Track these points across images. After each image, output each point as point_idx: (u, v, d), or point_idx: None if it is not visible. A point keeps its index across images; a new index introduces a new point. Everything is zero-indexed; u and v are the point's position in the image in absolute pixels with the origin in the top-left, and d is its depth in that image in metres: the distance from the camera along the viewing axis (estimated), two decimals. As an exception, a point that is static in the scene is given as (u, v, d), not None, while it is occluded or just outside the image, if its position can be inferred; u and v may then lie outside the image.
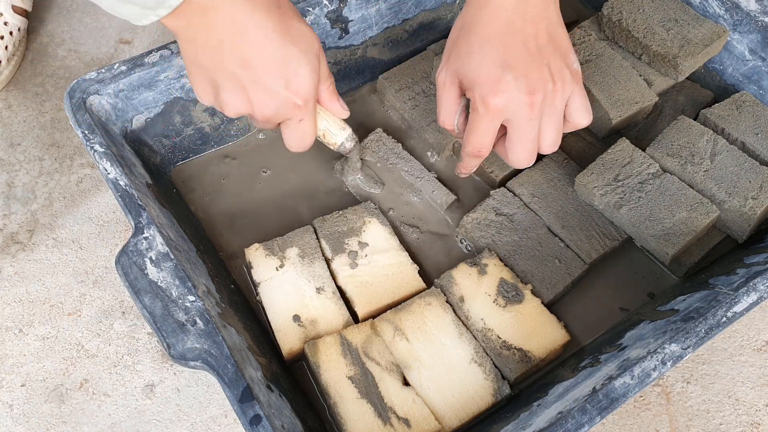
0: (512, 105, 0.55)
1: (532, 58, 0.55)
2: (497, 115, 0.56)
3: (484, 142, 0.58)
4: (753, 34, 0.72)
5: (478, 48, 0.55)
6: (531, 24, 0.55)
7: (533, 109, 0.55)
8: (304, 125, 0.55)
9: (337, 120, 0.59)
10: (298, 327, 0.59)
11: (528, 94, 0.55)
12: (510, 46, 0.55)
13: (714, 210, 0.65)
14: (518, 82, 0.54)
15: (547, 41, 0.56)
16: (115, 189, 0.56)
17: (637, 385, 0.50)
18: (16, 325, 0.67)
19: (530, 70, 0.55)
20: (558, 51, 0.57)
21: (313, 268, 0.62)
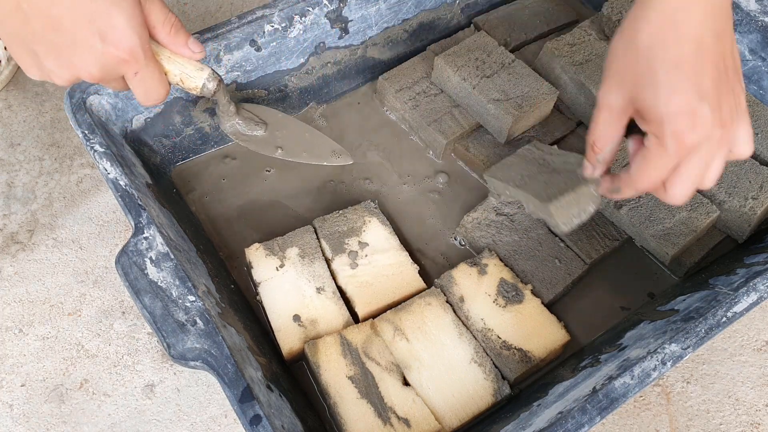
0: (705, 142, 0.47)
1: (723, 85, 0.48)
2: (689, 152, 0.48)
3: (657, 181, 0.50)
4: (753, 34, 0.72)
5: (665, 75, 0.47)
6: (720, 42, 0.47)
7: (722, 146, 0.48)
8: (143, 77, 0.51)
9: (192, 63, 0.55)
10: (298, 327, 0.59)
11: (721, 128, 0.47)
12: (702, 73, 0.47)
13: (714, 210, 0.65)
14: (713, 114, 0.47)
15: (732, 61, 0.48)
16: (115, 189, 0.56)
17: (637, 385, 0.50)
18: (16, 325, 0.67)
19: (723, 100, 0.47)
20: (738, 73, 0.49)
21: (314, 267, 0.62)
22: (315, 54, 0.72)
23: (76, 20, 0.47)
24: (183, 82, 0.55)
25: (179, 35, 0.53)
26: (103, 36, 0.47)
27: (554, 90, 0.71)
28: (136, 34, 0.49)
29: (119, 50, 0.48)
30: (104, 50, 0.48)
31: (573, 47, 0.74)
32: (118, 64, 0.49)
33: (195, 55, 0.54)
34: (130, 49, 0.49)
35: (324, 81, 0.75)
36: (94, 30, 0.47)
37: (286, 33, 0.68)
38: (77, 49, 0.48)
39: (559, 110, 0.75)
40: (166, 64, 0.53)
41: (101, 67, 0.49)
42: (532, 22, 0.82)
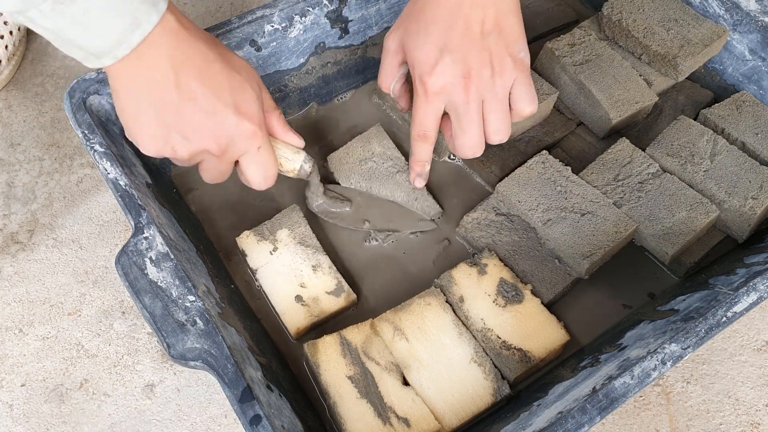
0: (448, 88, 0.56)
1: (473, 43, 0.55)
2: (435, 96, 0.57)
3: (427, 124, 0.59)
4: (753, 34, 0.72)
5: (423, 27, 0.56)
6: (479, 9, 0.55)
7: (468, 92, 0.56)
8: (264, 153, 0.54)
9: (289, 146, 0.59)
10: (301, 306, 0.60)
11: (463, 77, 0.56)
12: (453, 29, 0.55)
13: (714, 210, 0.65)
14: (455, 65, 0.55)
15: (493, 27, 0.56)
16: (115, 189, 0.56)
17: (637, 385, 0.50)
18: (16, 325, 0.67)
19: (469, 54, 0.55)
20: (503, 38, 0.57)
21: (306, 246, 0.63)
22: (315, 54, 0.72)
23: (215, 93, 0.49)
24: (282, 165, 0.59)
25: (286, 123, 0.58)
26: (237, 108, 0.50)
27: (554, 90, 0.71)
28: (261, 110, 0.53)
29: (251, 122, 0.51)
30: (238, 121, 0.51)
31: (573, 47, 0.74)
32: (247, 138, 0.52)
33: (300, 143, 0.59)
34: (260, 122, 0.52)
35: (324, 81, 0.75)
36: (230, 102, 0.50)
37: (286, 33, 0.68)
38: (212, 118, 0.50)
39: (559, 110, 0.75)
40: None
41: (231, 139, 0.51)
42: (532, 22, 0.82)
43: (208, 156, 0.53)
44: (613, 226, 0.64)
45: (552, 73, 0.74)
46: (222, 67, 0.50)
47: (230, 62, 0.51)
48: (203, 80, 0.49)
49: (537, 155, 0.68)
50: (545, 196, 0.66)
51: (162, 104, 0.48)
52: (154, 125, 0.50)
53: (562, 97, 0.75)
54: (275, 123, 0.57)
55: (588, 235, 0.63)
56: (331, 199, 0.66)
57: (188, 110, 0.49)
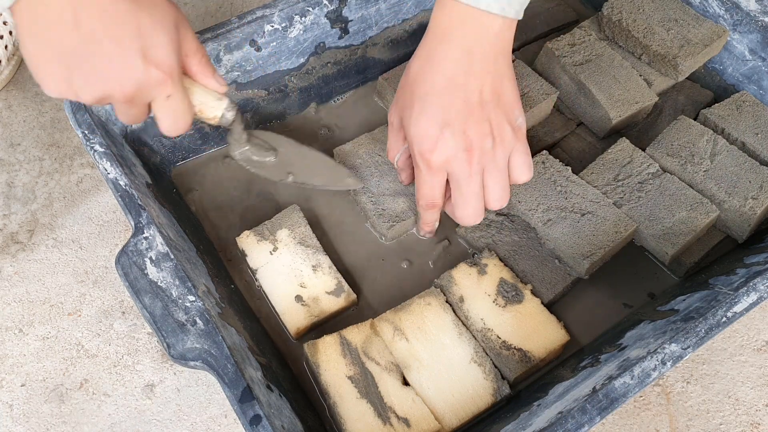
0: (451, 161, 0.55)
1: (471, 114, 0.54)
2: (438, 171, 0.57)
3: (433, 195, 0.59)
4: (753, 34, 0.72)
5: (419, 102, 0.55)
6: (475, 79, 0.54)
7: (471, 165, 0.55)
8: (174, 101, 0.50)
9: (211, 92, 0.54)
10: (301, 306, 0.60)
11: (466, 151, 0.55)
12: (451, 103, 0.54)
13: (714, 210, 0.65)
14: (456, 138, 0.54)
15: (491, 96, 0.55)
16: (115, 189, 0.56)
17: (637, 385, 0.50)
18: (16, 325, 0.67)
19: (469, 126, 0.54)
20: (501, 107, 0.56)
21: (306, 246, 0.63)
22: (315, 54, 0.72)
23: (120, 35, 0.46)
24: (202, 112, 0.55)
25: (208, 66, 0.53)
26: (145, 53, 0.47)
27: (554, 90, 0.71)
28: (175, 55, 0.49)
29: (160, 69, 0.48)
30: (145, 68, 0.47)
31: (573, 47, 0.74)
32: (155, 85, 0.48)
33: (221, 88, 0.54)
34: (170, 70, 0.48)
35: (324, 81, 0.75)
36: (138, 47, 0.46)
37: (286, 33, 0.68)
38: (116, 64, 0.46)
39: (559, 110, 0.75)
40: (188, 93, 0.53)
41: (137, 86, 0.48)
42: (532, 22, 0.82)
43: (114, 101, 0.49)
44: (613, 226, 0.64)
45: (552, 73, 0.74)
46: (129, 6, 0.46)
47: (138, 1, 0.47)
48: (107, 21, 0.45)
49: (537, 155, 0.68)
50: (545, 196, 0.66)
51: (62, 46, 0.45)
52: (55, 67, 0.47)
53: (562, 97, 0.75)
54: (195, 66, 0.52)
55: (588, 235, 0.63)
56: (255, 146, 0.63)
57: (90, 54, 0.46)
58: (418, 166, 0.58)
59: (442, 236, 0.68)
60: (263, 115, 0.74)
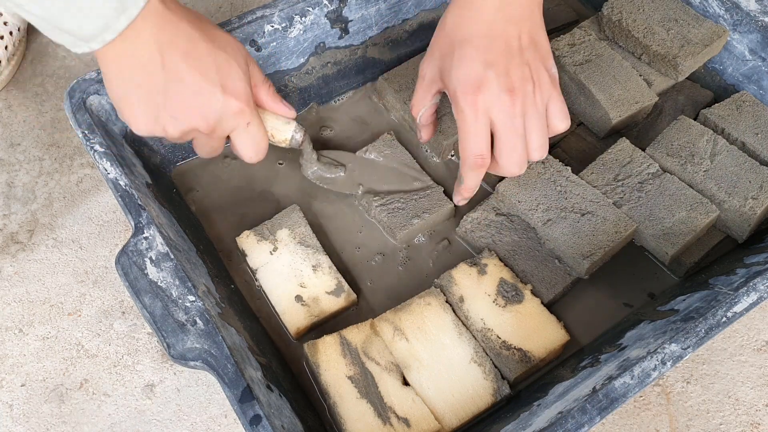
0: (495, 103, 0.55)
1: (512, 58, 0.55)
2: (483, 113, 0.55)
3: (481, 146, 0.57)
4: (753, 34, 0.72)
5: (459, 47, 0.56)
6: (514, 25, 0.55)
7: (515, 106, 0.55)
8: (252, 129, 0.55)
9: (279, 117, 0.59)
10: (301, 306, 0.60)
11: (509, 92, 0.55)
12: (491, 46, 0.55)
13: (714, 210, 0.65)
14: (499, 79, 0.54)
15: (529, 43, 0.56)
16: (115, 189, 0.56)
17: (637, 385, 0.50)
18: (16, 325, 0.67)
19: (511, 68, 0.55)
20: (539, 53, 0.57)
21: (306, 246, 0.63)
22: (315, 54, 0.72)
23: (201, 72, 0.50)
24: (273, 137, 0.59)
25: (276, 95, 0.58)
26: (224, 86, 0.51)
27: (554, 90, 0.71)
28: (248, 86, 0.53)
29: (238, 100, 0.52)
30: (225, 100, 0.51)
31: (573, 47, 0.74)
32: (235, 115, 0.53)
33: (290, 113, 0.59)
34: (247, 99, 0.53)
35: (324, 81, 0.75)
36: (217, 81, 0.51)
37: (286, 33, 0.68)
38: (199, 98, 0.51)
39: (559, 110, 0.75)
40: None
41: (219, 116, 0.52)
42: (532, 22, 0.82)
43: (197, 134, 0.54)
44: (613, 226, 0.64)
45: (552, 73, 0.74)
46: (207, 46, 0.51)
47: (216, 40, 0.52)
48: (189, 61, 0.49)
49: (537, 155, 0.68)
50: (545, 196, 0.66)
51: (150, 86, 0.49)
52: (144, 106, 0.51)
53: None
54: (264, 95, 0.57)
55: (588, 235, 0.63)
56: (326, 165, 0.67)
57: (176, 91, 0.50)
58: (462, 112, 0.56)
59: (442, 236, 0.68)
60: (263, 115, 0.74)
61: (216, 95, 0.51)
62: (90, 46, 0.47)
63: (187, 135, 0.53)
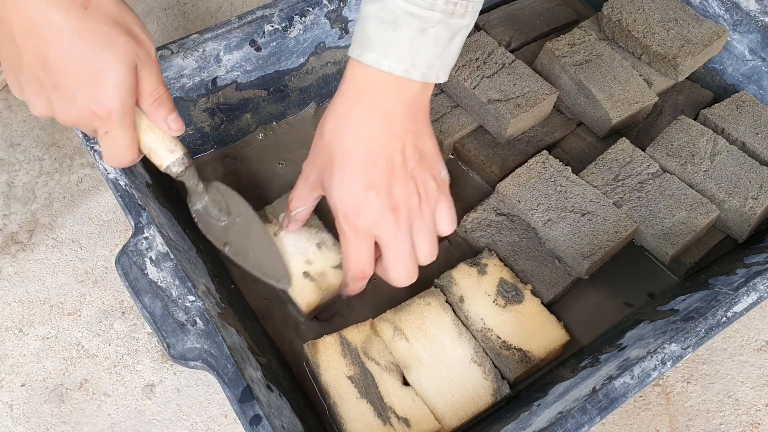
0: (378, 224, 0.53)
1: (395, 174, 0.53)
2: (365, 235, 0.54)
3: (363, 263, 0.56)
4: (753, 34, 0.72)
5: (339, 166, 0.53)
6: (396, 139, 0.52)
7: (399, 225, 0.53)
8: (112, 138, 0.50)
9: (167, 140, 0.53)
10: (310, 282, 0.61)
11: (392, 211, 0.53)
12: (373, 165, 0.52)
13: (714, 210, 0.65)
14: (381, 200, 0.53)
15: (413, 154, 0.54)
16: (115, 189, 0.56)
17: (637, 385, 0.50)
18: (16, 325, 0.67)
19: (394, 186, 0.53)
20: (424, 163, 0.55)
21: (309, 226, 0.64)
22: (315, 54, 0.72)
23: (66, 67, 0.47)
24: (150, 156, 0.54)
25: (160, 109, 0.52)
26: (87, 90, 0.48)
27: (554, 90, 0.71)
28: (119, 98, 0.49)
29: (97, 107, 0.48)
30: (84, 103, 0.48)
31: (573, 47, 0.74)
32: (93, 120, 0.49)
33: (171, 132, 0.53)
34: (108, 111, 0.49)
35: (324, 81, 0.75)
36: (79, 82, 0.47)
37: (286, 33, 0.68)
38: (59, 92, 0.48)
39: (559, 110, 0.75)
40: (140, 133, 0.52)
41: (75, 117, 0.49)
42: (532, 22, 0.82)
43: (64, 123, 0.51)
44: (613, 226, 0.64)
45: (552, 73, 0.74)
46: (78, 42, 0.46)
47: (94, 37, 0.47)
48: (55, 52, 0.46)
49: (537, 155, 0.68)
50: (545, 196, 0.66)
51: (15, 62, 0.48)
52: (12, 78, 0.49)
53: (562, 97, 0.75)
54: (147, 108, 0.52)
55: (588, 235, 0.63)
56: (214, 202, 0.59)
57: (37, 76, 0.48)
58: (343, 233, 0.55)
59: (442, 236, 0.68)
60: (263, 115, 0.74)
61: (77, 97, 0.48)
62: None
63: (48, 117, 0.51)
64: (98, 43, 0.47)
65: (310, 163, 0.57)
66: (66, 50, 0.47)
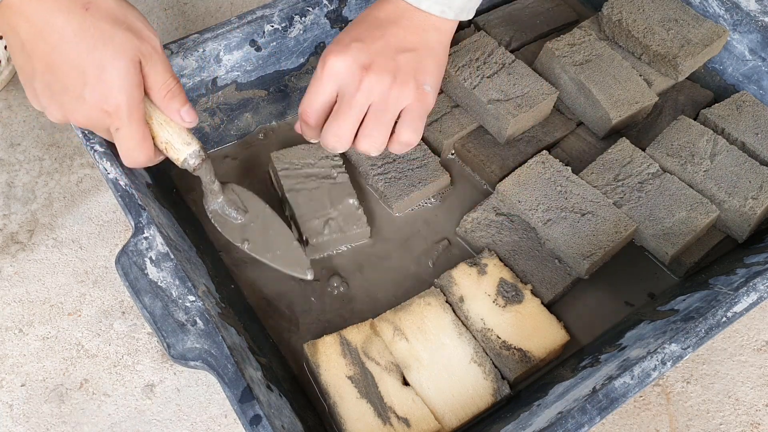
0: (344, 72, 0.54)
1: (385, 51, 0.55)
2: (330, 77, 0.55)
3: (311, 104, 0.56)
4: (753, 34, 0.72)
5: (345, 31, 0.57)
6: (404, 31, 0.56)
7: (361, 83, 0.54)
8: (124, 135, 0.51)
9: (183, 132, 0.54)
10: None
11: (362, 68, 0.54)
12: (372, 35, 0.55)
13: (714, 210, 0.65)
14: (360, 54, 0.54)
15: (413, 56, 0.55)
16: (115, 189, 0.56)
17: (637, 385, 0.50)
18: (16, 325, 0.67)
19: (377, 56, 0.54)
20: (416, 66, 0.56)
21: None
22: (315, 54, 0.72)
23: (70, 68, 0.48)
24: (167, 151, 0.54)
25: (174, 101, 0.53)
26: (93, 88, 0.49)
27: (554, 90, 0.71)
28: (125, 93, 0.49)
29: (105, 104, 0.49)
30: (91, 101, 0.49)
31: (573, 47, 0.74)
32: (104, 118, 0.50)
33: (185, 124, 0.54)
34: (116, 106, 0.49)
35: (324, 81, 0.75)
36: (85, 81, 0.48)
37: (286, 33, 0.68)
38: (68, 95, 0.49)
39: (559, 110, 0.75)
40: (156, 128, 0.53)
41: (86, 117, 0.50)
42: (532, 22, 0.82)
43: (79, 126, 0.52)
44: (613, 226, 0.64)
45: (552, 73, 0.74)
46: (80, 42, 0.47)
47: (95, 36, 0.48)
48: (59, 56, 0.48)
49: (537, 155, 0.68)
50: (545, 196, 0.66)
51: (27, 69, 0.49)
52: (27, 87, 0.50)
53: (562, 97, 0.75)
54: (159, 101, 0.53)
55: (588, 235, 0.63)
56: (229, 201, 0.61)
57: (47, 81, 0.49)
58: (315, 72, 0.56)
59: (442, 236, 0.68)
60: (263, 115, 0.74)
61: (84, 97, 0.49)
62: None
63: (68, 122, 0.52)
64: (98, 41, 0.48)
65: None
66: (69, 52, 0.47)
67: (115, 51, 0.48)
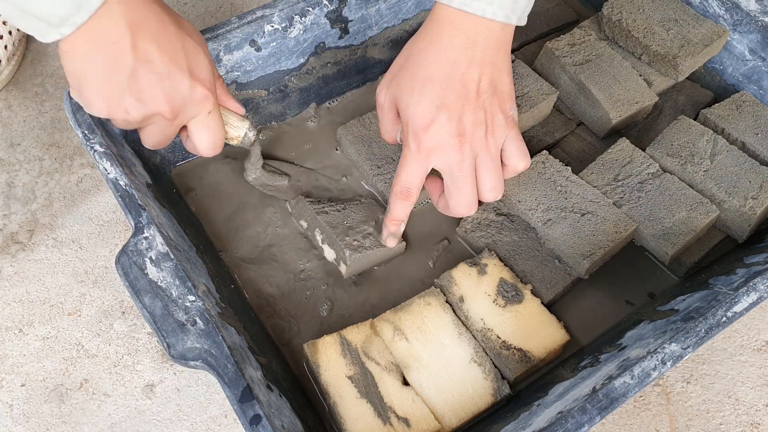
0: (442, 147, 0.55)
1: (468, 102, 0.55)
2: (428, 154, 0.56)
3: (413, 181, 0.58)
4: (753, 34, 0.72)
5: (419, 84, 0.56)
6: (476, 68, 0.55)
7: (463, 150, 0.56)
8: (213, 117, 0.54)
9: (233, 114, 0.59)
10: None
11: (458, 136, 0.55)
12: (449, 88, 0.55)
13: (714, 210, 0.65)
14: (450, 123, 0.55)
15: (488, 86, 0.56)
16: (115, 189, 0.56)
17: (637, 385, 0.50)
18: (16, 325, 0.67)
19: (465, 113, 0.55)
20: (497, 98, 0.57)
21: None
22: (315, 54, 0.72)
23: (170, 55, 0.50)
24: (227, 132, 0.59)
25: (227, 90, 0.58)
26: (191, 72, 0.51)
27: (554, 90, 0.71)
28: (213, 75, 0.53)
29: (204, 87, 0.52)
30: (192, 85, 0.51)
31: (573, 47, 0.74)
32: (200, 101, 0.52)
33: (240, 110, 0.59)
34: (211, 88, 0.53)
35: (324, 81, 0.75)
36: (185, 66, 0.51)
37: (286, 33, 0.68)
38: (166, 82, 0.50)
39: (559, 110, 0.75)
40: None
41: (184, 102, 0.52)
42: (532, 22, 0.82)
43: (159, 119, 0.52)
44: (613, 226, 0.64)
45: (552, 73, 0.74)
46: (177, 30, 0.50)
47: (183, 26, 0.52)
48: (159, 43, 0.49)
49: (537, 155, 0.68)
50: (545, 196, 0.66)
51: (117, 66, 0.48)
52: (107, 87, 0.49)
53: (562, 97, 0.75)
54: (220, 89, 0.56)
55: (588, 235, 0.63)
56: (269, 172, 0.67)
57: (144, 73, 0.49)
58: (408, 147, 0.57)
59: (442, 236, 0.68)
60: (263, 115, 0.74)
61: (184, 80, 0.50)
62: (61, 32, 0.45)
63: (148, 119, 0.52)
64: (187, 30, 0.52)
65: (386, 87, 0.59)
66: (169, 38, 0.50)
67: (200, 39, 0.53)
